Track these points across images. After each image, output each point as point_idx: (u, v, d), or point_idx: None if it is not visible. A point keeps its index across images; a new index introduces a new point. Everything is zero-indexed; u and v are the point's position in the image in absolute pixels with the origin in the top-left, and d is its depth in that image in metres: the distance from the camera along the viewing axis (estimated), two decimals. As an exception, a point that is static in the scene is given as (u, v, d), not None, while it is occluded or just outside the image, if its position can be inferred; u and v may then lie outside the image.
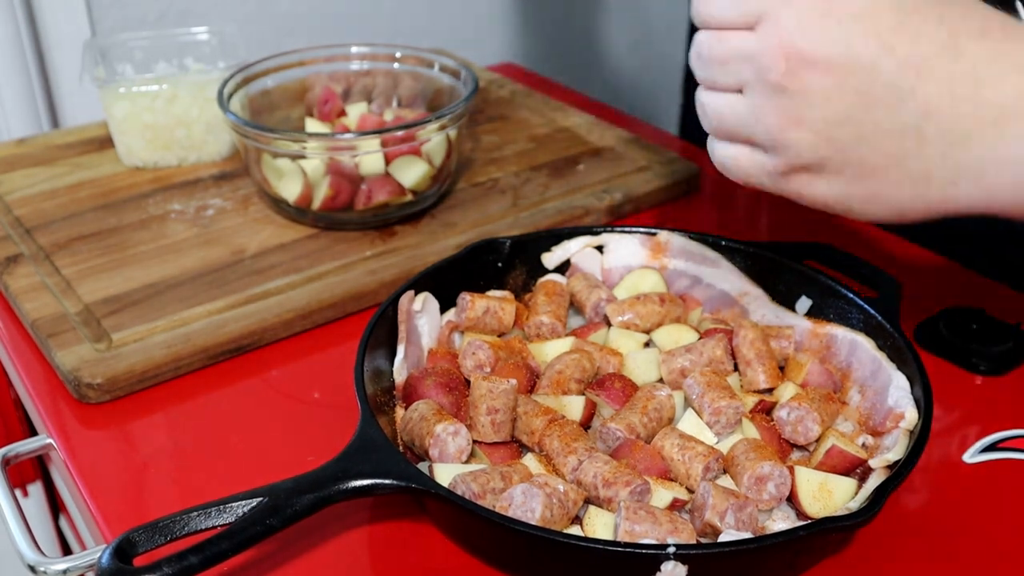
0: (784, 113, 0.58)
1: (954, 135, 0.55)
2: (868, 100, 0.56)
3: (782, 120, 0.58)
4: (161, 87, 1.07)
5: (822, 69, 0.56)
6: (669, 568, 0.57)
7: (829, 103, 0.56)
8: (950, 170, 0.56)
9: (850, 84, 0.56)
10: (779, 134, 0.59)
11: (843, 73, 0.56)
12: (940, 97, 0.55)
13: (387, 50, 1.11)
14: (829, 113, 0.57)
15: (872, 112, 0.56)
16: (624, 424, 0.69)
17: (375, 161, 0.98)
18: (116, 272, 0.92)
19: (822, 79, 0.56)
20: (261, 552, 0.65)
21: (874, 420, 0.71)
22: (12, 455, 0.76)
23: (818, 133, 0.58)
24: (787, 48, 0.56)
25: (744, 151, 0.63)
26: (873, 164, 0.57)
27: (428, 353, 0.79)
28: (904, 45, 0.55)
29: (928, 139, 0.55)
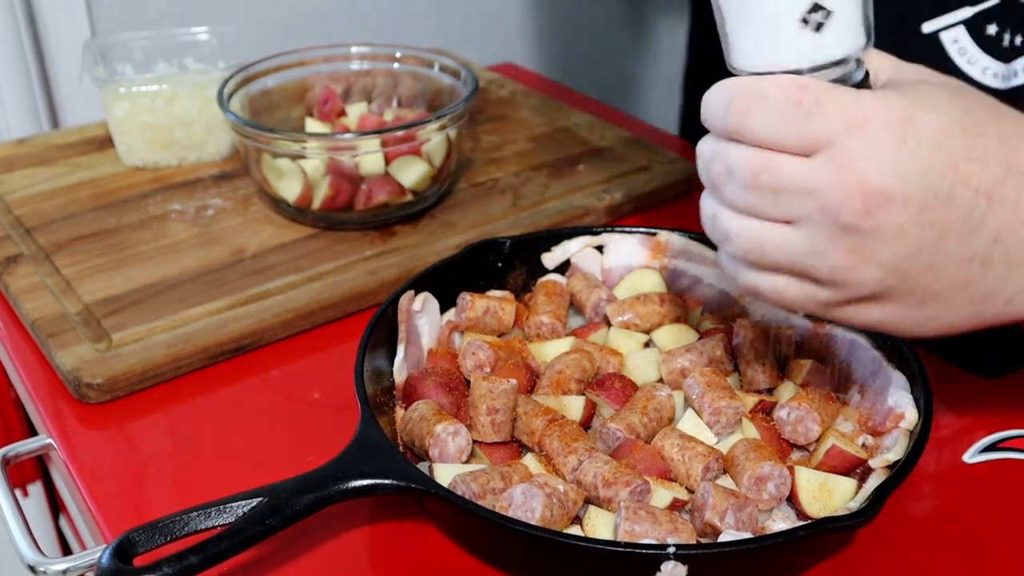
0: (853, 252, 0.53)
1: (1018, 257, 0.54)
2: (941, 231, 0.53)
3: (850, 259, 0.53)
4: (161, 87, 1.07)
5: (899, 205, 0.52)
6: (669, 568, 0.57)
7: (901, 239, 0.53)
8: (1011, 289, 0.55)
9: (924, 218, 0.52)
10: (844, 273, 0.54)
11: (919, 207, 0.52)
12: (1007, 221, 0.53)
13: (387, 50, 1.11)
14: (900, 248, 0.53)
15: (944, 242, 0.53)
16: (624, 424, 0.69)
17: (375, 161, 0.98)
18: (116, 272, 0.92)
19: (898, 215, 0.52)
20: (261, 552, 0.65)
21: (874, 420, 0.71)
22: (12, 455, 0.76)
23: (886, 268, 0.54)
24: (861, 185, 0.51)
25: (790, 283, 0.56)
26: (935, 292, 0.55)
27: (428, 353, 0.79)
28: (976, 173, 0.52)
29: (994, 263, 0.54)
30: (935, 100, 0.53)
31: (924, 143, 0.52)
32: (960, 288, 0.55)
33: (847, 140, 0.52)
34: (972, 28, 0.76)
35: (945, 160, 0.52)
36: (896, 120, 0.52)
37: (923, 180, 0.52)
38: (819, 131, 0.52)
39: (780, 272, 0.56)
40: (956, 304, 0.55)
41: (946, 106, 0.53)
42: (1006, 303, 0.56)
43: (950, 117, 0.53)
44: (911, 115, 0.52)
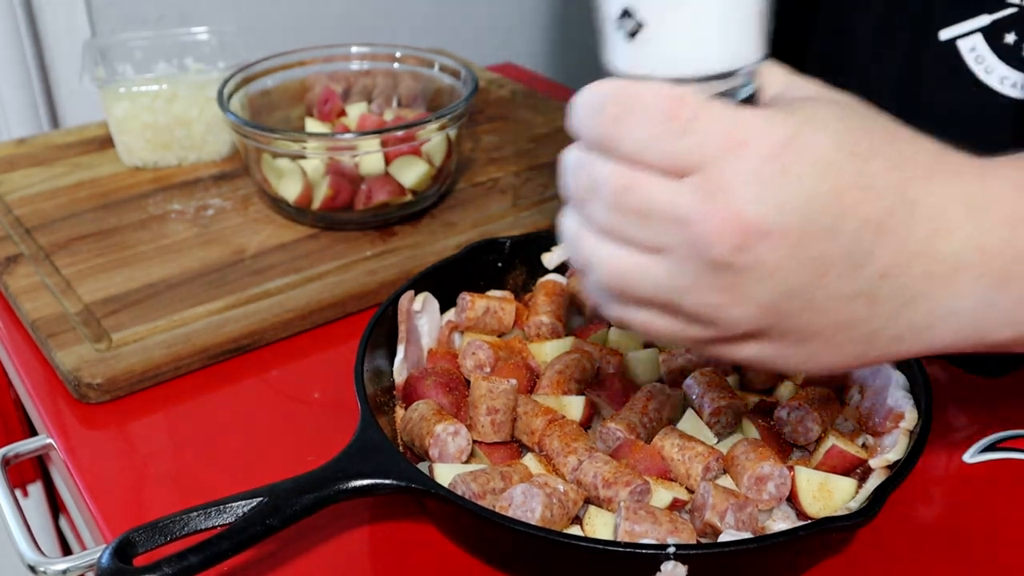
0: (724, 291, 0.47)
1: (907, 294, 0.49)
2: (823, 267, 0.47)
3: (721, 297, 0.47)
4: (161, 87, 1.07)
5: (777, 239, 0.45)
6: (669, 568, 0.57)
7: (778, 275, 0.46)
8: (899, 328, 0.50)
9: (805, 253, 0.46)
10: (715, 312, 0.48)
11: (798, 241, 0.46)
12: (896, 256, 0.48)
13: (387, 50, 1.11)
14: (778, 286, 0.47)
15: (826, 279, 0.47)
16: (624, 424, 0.69)
17: (375, 161, 0.98)
18: (116, 272, 0.92)
19: (775, 251, 0.46)
20: (261, 552, 0.65)
21: (874, 420, 0.71)
22: (12, 455, 0.76)
23: (762, 307, 0.48)
24: (737, 217, 0.45)
25: (658, 318, 0.50)
26: (816, 331, 0.49)
27: (428, 353, 0.79)
28: (864, 202, 0.47)
29: (881, 300, 0.49)
30: (824, 120, 0.47)
31: (808, 169, 0.45)
32: (844, 327, 0.49)
33: (721, 164, 0.45)
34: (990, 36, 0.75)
35: (831, 188, 0.46)
36: (778, 143, 0.45)
37: (804, 211, 0.45)
38: (691, 151, 0.46)
39: (648, 307, 0.50)
40: (839, 343, 0.50)
41: (836, 126, 0.47)
42: (895, 341, 0.51)
43: (839, 139, 0.47)
44: (794, 137, 0.46)
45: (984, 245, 0.49)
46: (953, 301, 0.49)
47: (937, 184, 0.48)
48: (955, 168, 0.49)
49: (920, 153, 0.49)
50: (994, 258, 0.49)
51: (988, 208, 0.49)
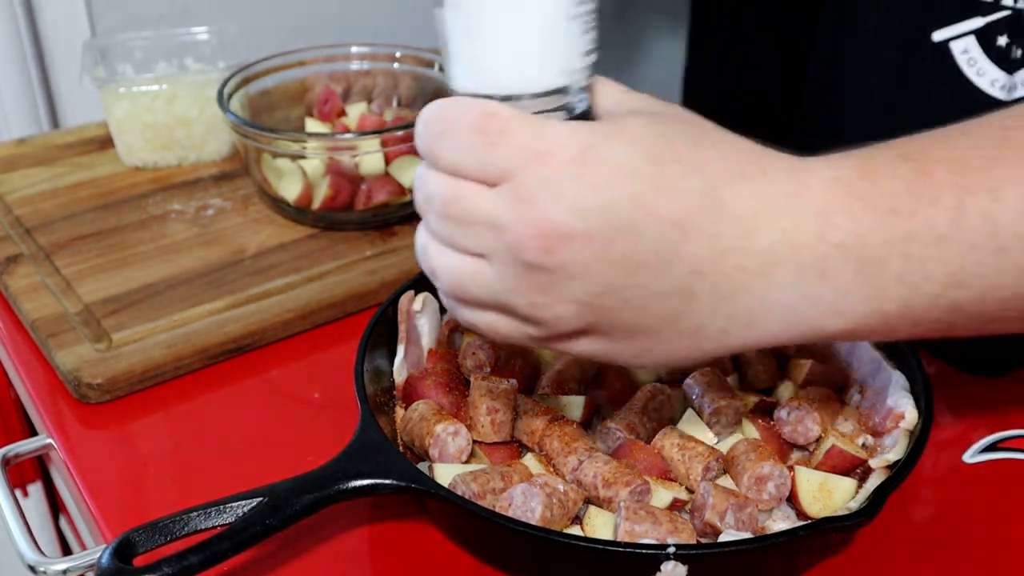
0: (541, 291, 0.50)
1: (723, 289, 0.51)
2: (632, 266, 0.50)
3: (542, 297, 0.50)
4: (161, 87, 1.07)
5: (580, 242, 0.49)
6: (669, 568, 0.57)
7: (589, 275, 0.50)
8: (722, 321, 0.52)
9: (610, 254, 0.49)
10: (540, 311, 0.51)
11: (602, 243, 0.49)
12: (706, 253, 0.50)
13: (387, 50, 1.11)
14: (590, 285, 0.50)
15: (637, 277, 0.50)
16: (624, 424, 0.69)
17: (375, 161, 0.98)
18: (116, 272, 0.92)
19: (581, 252, 0.49)
20: (261, 552, 0.65)
21: (874, 420, 0.71)
22: (12, 455, 0.76)
23: (580, 304, 0.51)
24: (540, 223, 0.48)
25: (499, 319, 0.53)
26: (641, 327, 0.52)
27: (428, 353, 0.79)
28: (665, 204, 0.49)
29: (697, 296, 0.51)
30: (630, 131, 0.50)
31: (605, 176, 0.49)
32: (669, 322, 0.52)
33: (526, 174, 0.49)
34: (983, 39, 0.75)
35: (627, 193, 0.49)
36: (576, 153, 0.49)
37: (603, 215, 0.49)
38: (500, 162, 0.49)
39: (487, 309, 0.53)
40: (669, 338, 0.52)
41: (640, 136, 0.50)
42: (722, 335, 0.53)
43: (638, 148, 0.50)
44: (592, 147, 0.49)
45: (796, 240, 0.50)
46: (772, 294, 0.51)
47: (746, 184, 0.50)
48: (765, 168, 0.51)
49: (729, 156, 0.51)
50: (808, 252, 0.50)
51: (799, 205, 0.50)
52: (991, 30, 0.75)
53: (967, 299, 0.51)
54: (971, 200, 0.50)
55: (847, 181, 0.51)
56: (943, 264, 0.50)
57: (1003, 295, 0.51)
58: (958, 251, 0.50)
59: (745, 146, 0.52)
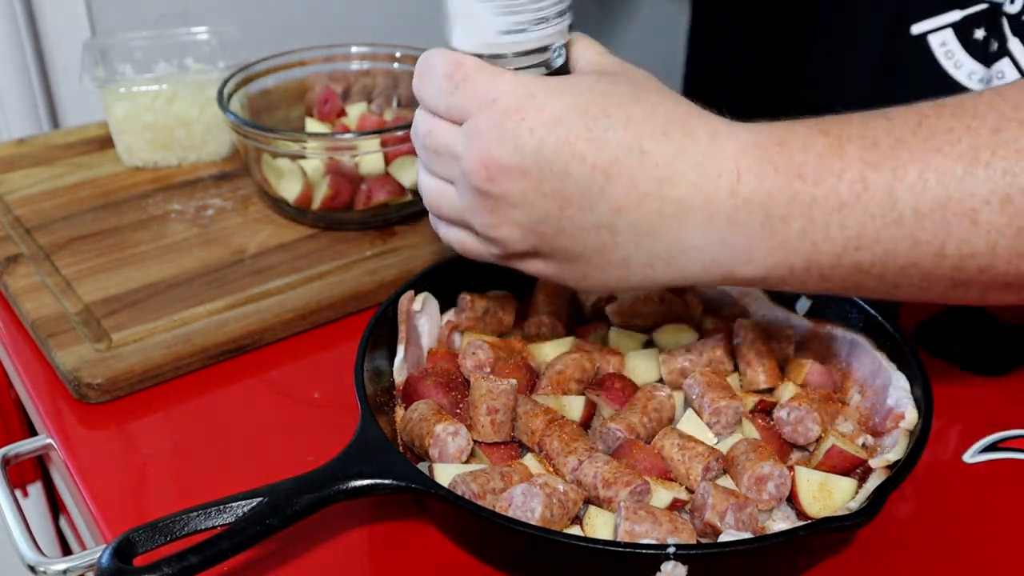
0: (491, 213, 0.60)
1: (643, 228, 0.59)
2: (563, 200, 0.58)
3: (492, 219, 0.60)
4: (161, 87, 1.07)
5: (517, 175, 0.58)
6: (669, 568, 0.57)
7: (527, 205, 0.59)
8: (645, 256, 0.60)
9: (545, 188, 0.58)
10: (489, 231, 0.61)
11: (537, 178, 0.58)
12: (627, 196, 0.58)
13: (387, 50, 1.11)
14: (529, 213, 0.59)
15: (567, 211, 0.59)
16: (624, 424, 0.69)
17: (375, 161, 0.98)
18: (116, 272, 0.92)
19: (518, 184, 0.58)
20: (261, 552, 0.65)
21: (874, 420, 0.71)
22: (12, 455, 0.76)
23: (523, 228, 0.60)
24: (485, 157, 0.58)
25: (467, 236, 0.64)
26: (577, 253, 0.61)
27: (428, 353, 0.79)
28: (592, 152, 0.57)
29: (620, 231, 0.59)
30: (573, 86, 0.59)
31: (540, 123, 0.57)
32: (598, 251, 0.60)
33: (479, 116, 0.59)
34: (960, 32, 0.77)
35: (560, 137, 0.57)
36: (518, 100, 0.58)
37: (537, 155, 0.57)
38: (461, 105, 0.60)
39: (458, 226, 0.64)
40: (601, 265, 0.61)
41: (580, 91, 0.58)
42: (646, 267, 0.60)
43: (574, 101, 0.58)
44: (534, 95, 0.58)
45: (708, 192, 0.57)
46: (686, 238, 0.59)
47: (668, 141, 0.58)
48: (690, 130, 0.58)
49: (659, 116, 0.58)
50: (718, 204, 0.57)
51: (714, 163, 0.57)
52: (968, 23, 0.76)
53: (868, 262, 0.57)
54: (874, 175, 0.55)
55: (763, 147, 0.58)
56: (843, 228, 0.56)
57: (901, 262, 0.57)
58: (858, 219, 0.56)
59: (679, 109, 0.59)
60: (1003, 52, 0.75)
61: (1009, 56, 0.75)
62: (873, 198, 0.55)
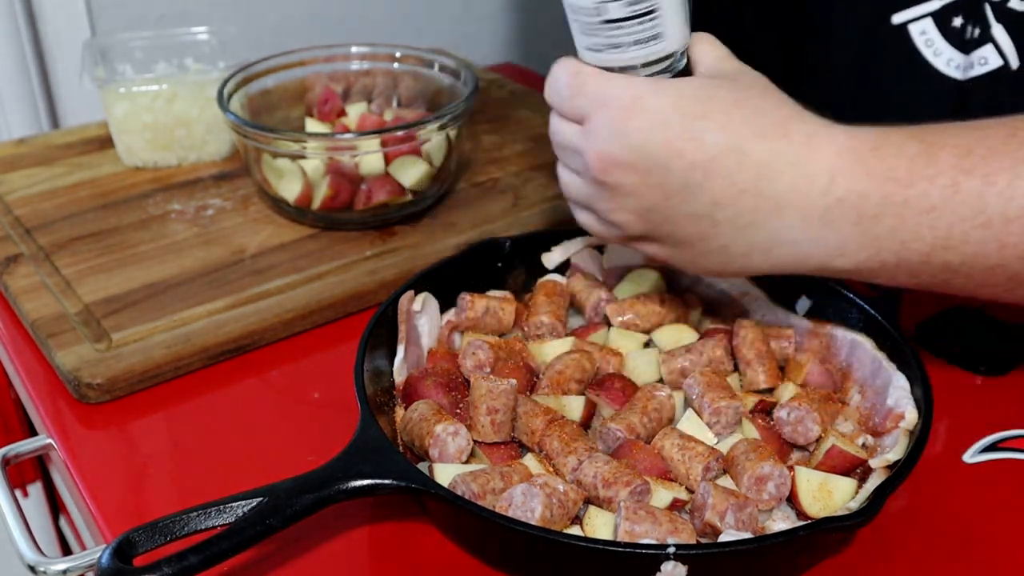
0: (608, 200, 0.67)
1: (741, 221, 0.64)
2: (666, 192, 0.64)
3: (610, 204, 0.67)
4: (161, 87, 1.07)
5: (627, 168, 0.65)
6: (669, 568, 0.57)
7: (637, 194, 0.65)
8: (743, 246, 0.65)
9: (650, 180, 0.64)
10: (609, 215, 0.68)
11: (644, 172, 0.64)
12: (725, 191, 0.63)
13: (387, 50, 1.11)
14: (639, 202, 0.66)
15: (671, 201, 0.65)
16: (624, 424, 0.69)
17: (375, 161, 0.98)
18: (116, 272, 0.92)
19: (628, 176, 0.65)
20: (261, 552, 0.65)
21: (874, 420, 0.71)
22: (12, 455, 0.76)
23: (635, 215, 0.67)
24: (600, 152, 0.65)
25: (593, 219, 0.71)
26: (682, 239, 0.67)
27: (428, 353, 0.79)
28: (691, 151, 0.63)
29: (720, 223, 0.65)
30: (678, 88, 0.65)
31: (646, 122, 0.64)
32: (700, 238, 0.66)
33: (594, 116, 0.66)
34: (939, 20, 0.79)
35: (663, 137, 0.63)
36: (627, 103, 0.64)
37: (643, 151, 0.64)
38: (579, 107, 0.67)
39: (587, 210, 0.71)
40: (704, 252, 0.67)
41: (684, 94, 0.64)
42: (744, 257, 0.66)
43: (677, 103, 0.64)
44: (641, 98, 0.64)
45: (803, 191, 0.62)
46: (783, 232, 0.64)
47: (766, 142, 0.63)
48: (787, 131, 0.63)
49: (759, 119, 0.64)
50: (813, 202, 0.62)
51: (810, 164, 0.62)
52: (947, 12, 0.78)
53: (956, 262, 0.61)
54: (965, 180, 0.59)
55: (857, 150, 0.62)
56: (932, 229, 0.60)
57: (988, 263, 0.61)
58: (947, 220, 0.60)
59: (780, 112, 0.64)
60: (985, 39, 0.77)
61: (993, 42, 0.76)
62: (964, 201, 0.59)
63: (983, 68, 0.78)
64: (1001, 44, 0.77)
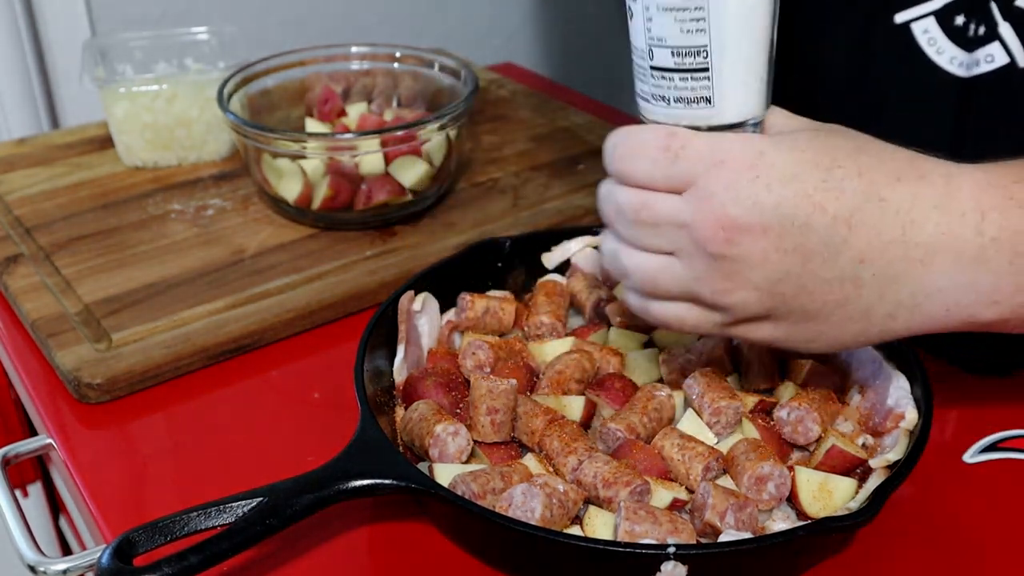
0: (726, 278, 0.58)
1: (888, 276, 0.58)
2: (805, 255, 0.57)
3: (726, 284, 0.58)
4: (161, 87, 1.07)
5: (758, 234, 0.57)
6: (669, 568, 0.57)
7: (768, 264, 0.57)
8: (888, 306, 0.59)
9: (786, 244, 0.57)
10: (725, 297, 0.59)
11: (778, 235, 0.57)
12: (871, 244, 0.57)
13: (387, 50, 1.11)
14: (769, 273, 0.58)
15: (810, 265, 0.57)
16: (624, 424, 0.69)
17: (375, 161, 0.98)
18: (116, 272, 0.92)
19: (759, 243, 0.57)
20: (261, 552, 0.65)
21: (874, 420, 0.71)
22: (12, 455, 0.76)
23: (761, 291, 0.58)
24: (721, 218, 0.57)
25: (687, 308, 0.62)
26: (815, 311, 0.59)
27: (428, 353, 0.79)
28: (832, 202, 0.57)
29: (865, 283, 0.58)
30: (793, 141, 0.58)
31: (776, 177, 0.56)
32: (838, 306, 0.59)
33: (707, 178, 0.57)
34: (942, 18, 0.79)
35: (798, 191, 0.56)
36: (749, 159, 0.57)
37: (777, 210, 0.56)
38: (684, 172, 0.58)
39: (676, 300, 0.61)
40: (839, 322, 0.59)
41: (803, 145, 0.58)
42: (888, 319, 0.59)
43: (804, 155, 0.57)
44: (763, 153, 0.57)
45: (954, 233, 0.57)
46: (933, 281, 0.58)
47: (905, 186, 0.58)
48: (922, 173, 0.58)
49: (887, 163, 0.58)
50: (965, 244, 0.57)
51: (955, 204, 0.57)
52: (949, 10, 0.78)
53: None
54: None
55: (1001, 185, 0.58)
56: None
57: None
58: None
59: (902, 154, 0.59)
60: (991, 37, 0.77)
61: (999, 40, 0.76)
62: None
63: (989, 66, 0.78)
64: (1008, 42, 0.77)
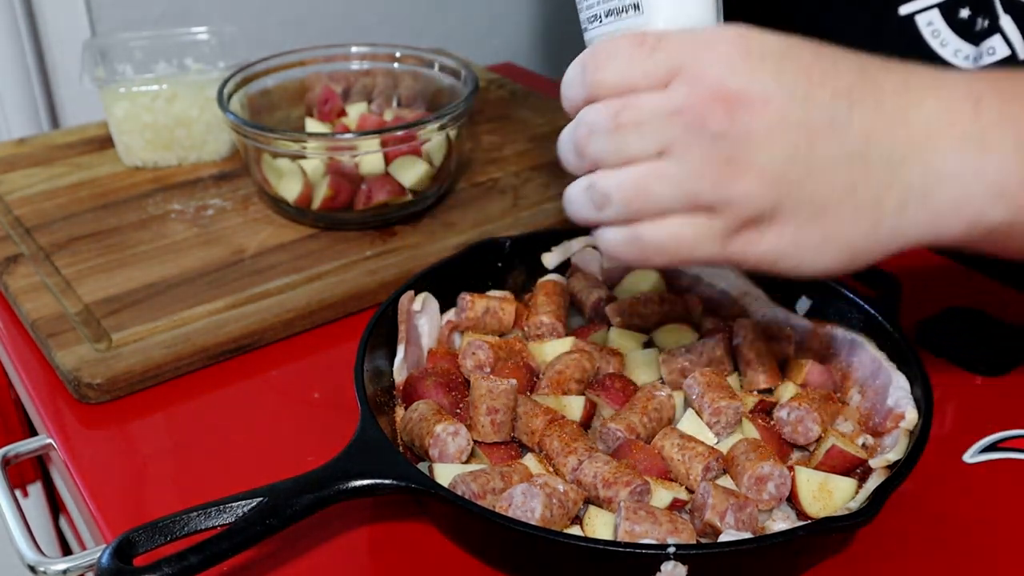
0: (727, 163, 0.53)
1: (895, 157, 0.54)
2: (810, 132, 0.53)
3: (726, 171, 0.53)
4: (161, 87, 1.07)
5: (759, 106, 0.52)
6: (669, 568, 0.57)
7: (773, 141, 0.53)
8: (899, 192, 0.55)
9: (791, 118, 0.53)
10: (728, 188, 0.53)
11: (781, 108, 0.52)
12: (875, 121, 0.54)
13: (387, 50, 1.11)
14: (776, 152, 0.53)
15: (817, 144, 0.53)
16: (624, 424, 0.69)
17: (375, 161, 0.98)
18: (116, 272, 0.92)
19: (762, 116, 0.52)
20: (261, 552, 0.65)
21: (874, 420, 0.71)
22: (12, 455, 0.76)
23: (767, 176, 0.53)
24: (720, 91, 0.52)
25: (683, 221, 0.55)
26: (826, 198, 0.54)
27: (428, 353, 0.79)
28: (829, 78, 0.54)
29: (873, 163, 0.54)
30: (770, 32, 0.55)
31: (769, 52, 0.53)
32: (848, 193, 0.54)
33: (696, 60, 0.53)
34: (946, 11, 0.79)
35: (794, 66, 0.53)
36: (736, 37, 0.54)
37: (777, 82, 0.53)
38: (667, 60, 0.54)
39: (670, 214, 0.55)
40: (850, 214, 0.55)
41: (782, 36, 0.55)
42: (898, 211, 0.55)
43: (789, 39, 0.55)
44: (746, 35, 0.54)
45: (953, 111, 0.55)
46: (939, 163, 0.55)
47: (894, 72, 0.55)
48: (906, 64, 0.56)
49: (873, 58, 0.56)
50: (965, 125, 0.55)
51: (947, 89, 0.55)
52: (953, 3, 0.77)
53: None
54: None
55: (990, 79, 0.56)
56: None
57: None
58: None
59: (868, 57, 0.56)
60: (993, 29, 0.77)
61: (1000, 33, 0.76)
62: None
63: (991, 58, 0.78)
64: (1009, 34, 0.77)
